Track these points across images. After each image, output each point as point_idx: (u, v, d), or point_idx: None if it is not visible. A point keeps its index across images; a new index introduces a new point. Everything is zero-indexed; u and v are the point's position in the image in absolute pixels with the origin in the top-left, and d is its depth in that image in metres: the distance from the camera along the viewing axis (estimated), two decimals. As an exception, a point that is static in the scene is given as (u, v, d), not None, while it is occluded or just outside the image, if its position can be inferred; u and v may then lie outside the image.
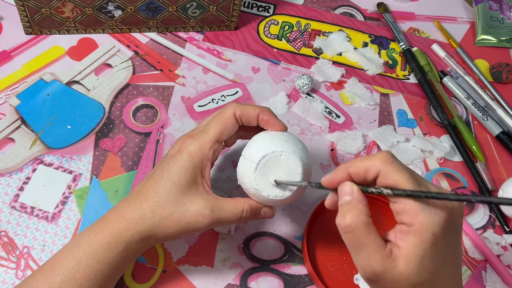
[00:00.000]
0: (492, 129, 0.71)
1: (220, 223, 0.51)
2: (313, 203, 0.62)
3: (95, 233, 0.49)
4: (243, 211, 0.51)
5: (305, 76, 0.70)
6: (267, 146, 0.50)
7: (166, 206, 0.49)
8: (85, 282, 0.47)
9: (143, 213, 0.49)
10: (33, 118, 0.64)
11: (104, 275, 0.48)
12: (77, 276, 0.47)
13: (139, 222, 0.49)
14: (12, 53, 0.69)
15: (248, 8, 0.78)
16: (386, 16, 0.79)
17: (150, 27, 0.72)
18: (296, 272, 0.58)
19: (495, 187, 0.66)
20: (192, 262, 0.57)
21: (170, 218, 0.49)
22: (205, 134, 0.51)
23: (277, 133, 0.52)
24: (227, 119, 0.52)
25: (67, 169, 0.62)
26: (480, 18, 0.81)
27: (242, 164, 0.51)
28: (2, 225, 0.57)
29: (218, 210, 0.50)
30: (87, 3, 0.67)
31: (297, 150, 0.50)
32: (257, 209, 0.52)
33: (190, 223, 0.49)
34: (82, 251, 0.48)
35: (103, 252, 0.48)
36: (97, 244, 0.48)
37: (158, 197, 0.49)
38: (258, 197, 0.51)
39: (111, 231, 0.49)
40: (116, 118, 0.66)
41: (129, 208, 0.50)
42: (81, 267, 0.47)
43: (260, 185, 0.49)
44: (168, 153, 0.52)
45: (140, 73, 0.70)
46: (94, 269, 0.48)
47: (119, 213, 0.50)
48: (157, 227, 0.49)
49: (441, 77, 0.75)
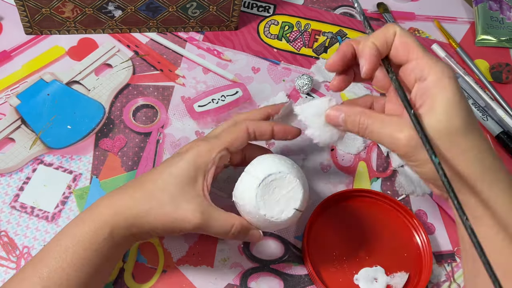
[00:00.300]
0: (492, 129, 0.71)
1: (206, 231, 0.50)
2: (313, 203, 0.62)
3: (82, 221, 0.49)
4: (233, 227, 0.50)
5: (305, 76, 0.70)
6: (274, 166, 0.50)
7: (160, 197, 0.49)
8: (72, 272, 0.47)
9: (133, 201, 0.49)
10: (33, 118, 0.64)
11: (92, 263, 0.48)
12: (64, 266, 0.47)
13: (127, 209, 0.49)
14: (12, 53, 0.69)
15: (248, 8, 0.78)
16: (386, 16, 0.79)
17: (150, 27, 0.72)
18: (296, 272, 0.58)
19: (495, 187, 0.66)
20: (192, 262, 0.57)
21: (159, 209, 0.49)
22: (217, 140, 0.52)
23: (283, 157, 0.53)
24: (241, 131, 0.53)
25: (67, 169, 0.62)
26: (480, 18, 0.81)
27: (245, 179, 0.51)
28: (2, 225, 0.57)
29: (208, 217, 0.49)
30: (87, 3, 0.67)
31: (300, 176, 0.51)
32: (247, 229, 0.52)
33: (177, 220, 0.49)
34: (70, 239, 0.48)
35: (90, 239, 0.48)
36: (84, 232, 0.48)
37: (155, 187, 0.49)
38: (253, 215, 0.50)
39: (99, 217, 0.48)
40: (116, 118, 0.66)
41: (120, 195, 0.50)
42: (68, 256, 0.47)
43: (259, 202, 0.49)
44: (178, 151, 0.53)
45: (140, 73, 0.70)
46: (81, 257, 0.47)
47: (109, 200, 0.50)
48: (144, 215, 0.49)
49: (441, 77, 0.75)
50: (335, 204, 0.61)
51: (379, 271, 0.58)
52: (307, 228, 0.58)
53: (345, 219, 0.61)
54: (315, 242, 0.59)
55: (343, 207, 0.61)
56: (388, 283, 0.57)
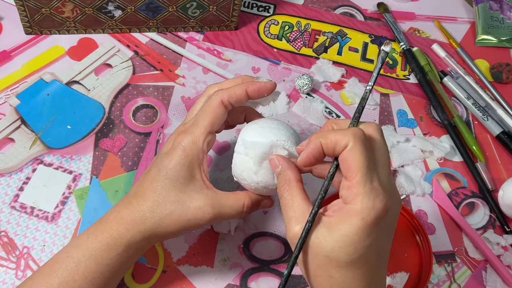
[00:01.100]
0: (492, 129, 0.70)
1: (221, 218, 0.51)
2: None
3: (94, 235, 0.48)
4: (244, 205, 0.51)
5: (305, 76, 0.70)
6: (261, 138, 0.49)
7: (166, 205, 0.49)
8: (84, 284, 0.47)
9: (142, 213, 0.49)
10: (33, 118, 0.64)
11: (103, 277, 0.48)
12: (76, 278, 0.47)
13: (139, 223, 0.49)
14: (12, 53, 0.69)
15: (248, 8, 0.78)
16: (386, 16, 0.79)
17: (150, 27, 0.72)
18: (296, 272, 0.58)
19: (495, 187, 0.66)
20: (192, 262, 0.57)
21: (170, 217, 0.49)
22: (196, 127, 0.50)
23: (266, 122, 0.51)
24: (216, 108, 0.50)
25: (67, 169, 0.61)
26: (480, 18, 0.80)
27: (238, 161, 0.50)
28: (2, 225, 0.57)
29: (218, 206, 0.49)
30: (87, 3, 0.67)
31: (290, 135, 0.50)
32: (258, 202, 0.52)
33: (190, 220, 0.49)
34: (81, 253, 0.48)
35: (102, 254, 0.48)
36: (96, 246, 0.48)
37: (157, 196, 0.49)
38: (260, 190, 0.51)
39: (111, 233, 0.48)
40: (116, 118, 0.66)
41: (128, 210, 0.49)
42: (80, 269, 0.47)
43: (260, 178, 0.49)
44: (162, 151, 0.52)
45: (140, 73, 0.70)
46: (93, 271, 0.47)
47: (117, 214, 0.49)
48: (157, 226, 0.49)
49: (441, 77, 0.75)
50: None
51: (379, 271, 0.58)
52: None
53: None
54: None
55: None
56: (389, 284, 0.57)
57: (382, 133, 0.44)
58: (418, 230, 0.60)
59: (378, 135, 0.43)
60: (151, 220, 0.49)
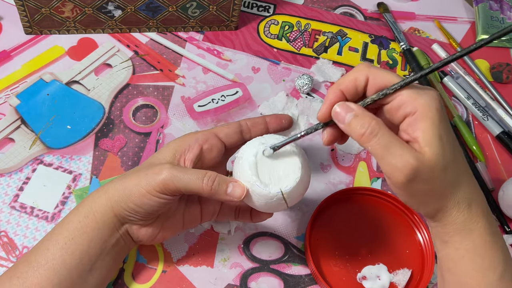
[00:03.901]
0: (493, 129, 0.70)
1: (179, 184, 0.47)
2: (313, 203, 0.62)
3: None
4: (207, 174, 0.48)
5: (305, 76, 0.70)
6: (263, 142, 0.49)
7: (136, 176, 0.49)
8: (56, 250, 0.48)
9: (115, 184, 0.50)
10: (33, 118, 0.64)
11: (74, 242, 0.48)
12: (49, 245, 0.48)
13: (109, 188, 0.50)
14: (12, 53, 0.69)
15: (248, 8, 0.78)
16: (386, 16, 0.79)
17: (150, 27, 0.72)
18: (296, 272, 0.58)
19: (495, 187, 0.66)
20: (192, 262, 0.57)
21: (138, 186, 0.48)
22: (206, 130, 0.54)
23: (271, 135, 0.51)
24: (232, 123, 0.54)
25: (67, 169, 0.61)
26: (480, 18, 0.80)
27: (239, 164, 0.49)
28: (2, 225, 0.57)
29: (178, 169, 0.48)
30: (87, 3, 0.67)
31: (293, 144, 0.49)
32: (224, 180, 0.48)
33: (147, 175, 0.48)
34: (56, 225, 0.50)
35: (70, 217, 0.49)
36: (69, 213, 0.50)
37: (134, 170, 0.51)
38: (258, 195, 0.50)
39: (83, 201, 0.50)
40: (116, 118, 0.66)
41: (109, 183, 0.51)
42: (53, 235, 0.49)
43: (258, 180, 0.48)
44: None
45: (140, 73, 0.70)
46: (63, 236, 0.48)
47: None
48: (128, 194, 0.48)
49: (441, 77, 0.75)
50: (336, 203, 0.61)
51: (382, 269, 0.58)
52: (309, 228, 0.58)
53: (346, 218, 0.61)
54: (317, 242, 0.59)
55: (345, 206, 0.61)
56: (392, 281, 0.57)
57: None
58: (419, 227, 0.60)
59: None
60: (121, 185, 0.49)
